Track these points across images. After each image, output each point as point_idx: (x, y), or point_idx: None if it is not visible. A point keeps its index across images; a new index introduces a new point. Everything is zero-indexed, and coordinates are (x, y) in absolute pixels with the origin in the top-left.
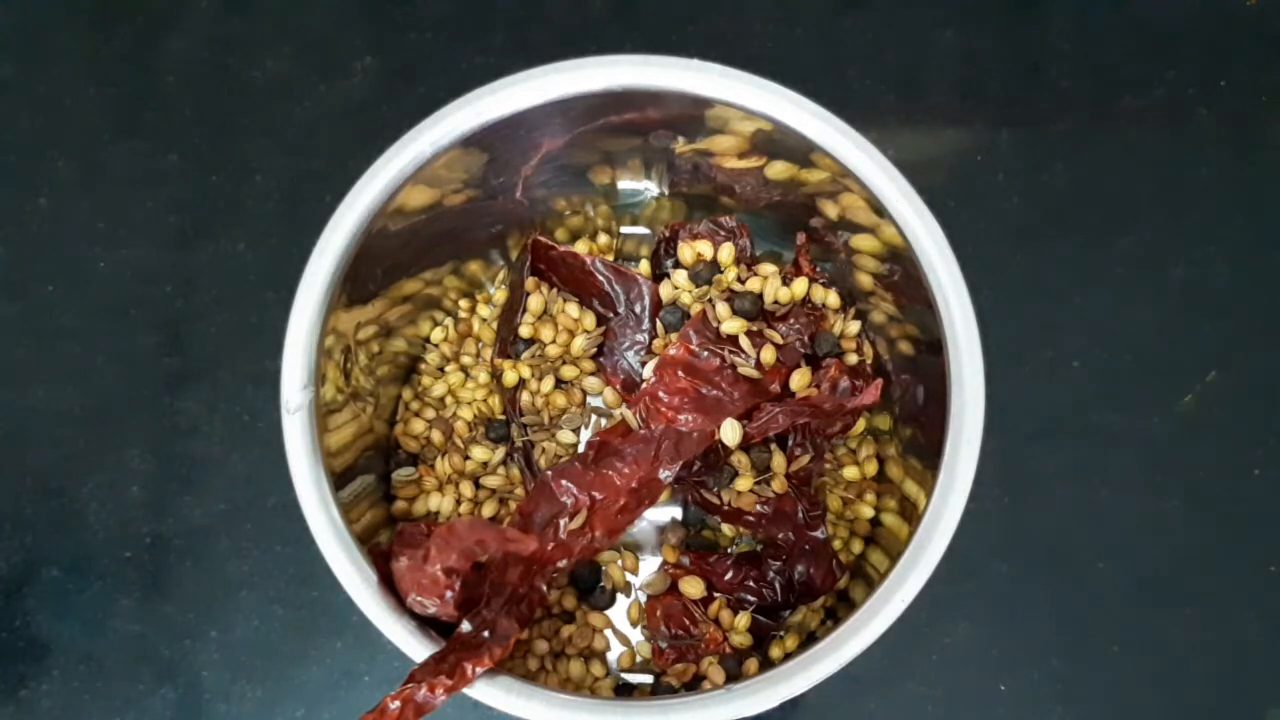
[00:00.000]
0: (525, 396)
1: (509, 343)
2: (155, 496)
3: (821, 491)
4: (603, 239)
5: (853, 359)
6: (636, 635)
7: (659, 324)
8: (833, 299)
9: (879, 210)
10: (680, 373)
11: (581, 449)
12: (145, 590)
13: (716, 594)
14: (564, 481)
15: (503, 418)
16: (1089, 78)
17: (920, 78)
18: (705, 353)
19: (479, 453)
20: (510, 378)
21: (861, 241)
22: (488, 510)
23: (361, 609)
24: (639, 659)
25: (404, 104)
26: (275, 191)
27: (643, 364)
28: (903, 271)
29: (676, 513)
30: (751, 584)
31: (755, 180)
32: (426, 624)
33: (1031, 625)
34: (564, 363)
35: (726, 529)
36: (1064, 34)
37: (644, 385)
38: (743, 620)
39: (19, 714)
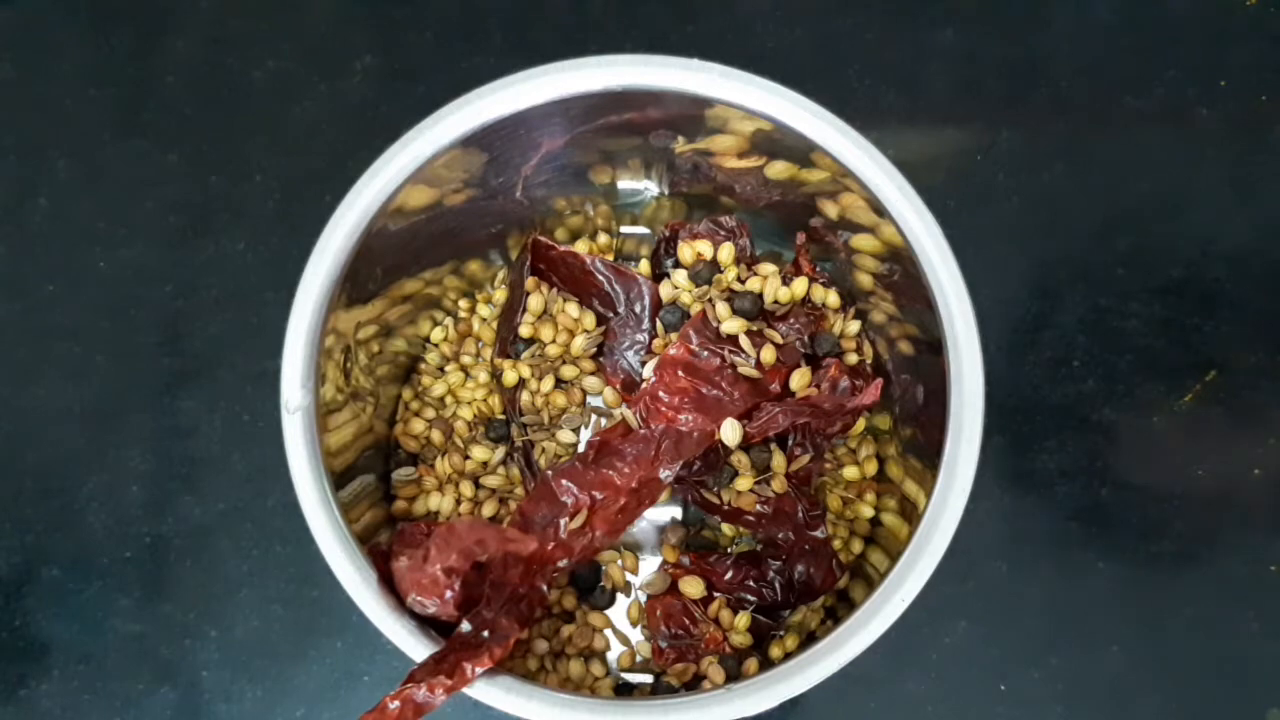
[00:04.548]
0: (525, 396)
1: (509, 342)
2: (155, 496)
3: (821, 491)
4: (603, 239)
5: (853, 359)
6: (636, 635)
7: (659, 324)
8: (833, 299)
9: (879, 210)
10: (680, 372)
11: (581, 449)
12: (145, 590)
13: (716, 594)
14: (564, 481)
15: (503, 418)
16: (1089, 77)
17: (920, 78)
18: (705, 352)
19: (479, 453)
20: (510, 377)
21: (861, 241)
22: (488, 510)
23: (361, 609)
24: (639, 659)
25: (404, 104)
26: (275, 191)
27: (643, 364)
28: (903, 271)
29: (676, 513)
30: (751, 584)
31: (755, 180)
32: (426, 624)
33: (1031, 625)
34: (564, 362)
35: (726, 529)
36: (1064, 34)
37: (644, 385)
38: (743, 620)
39: (19, 714)
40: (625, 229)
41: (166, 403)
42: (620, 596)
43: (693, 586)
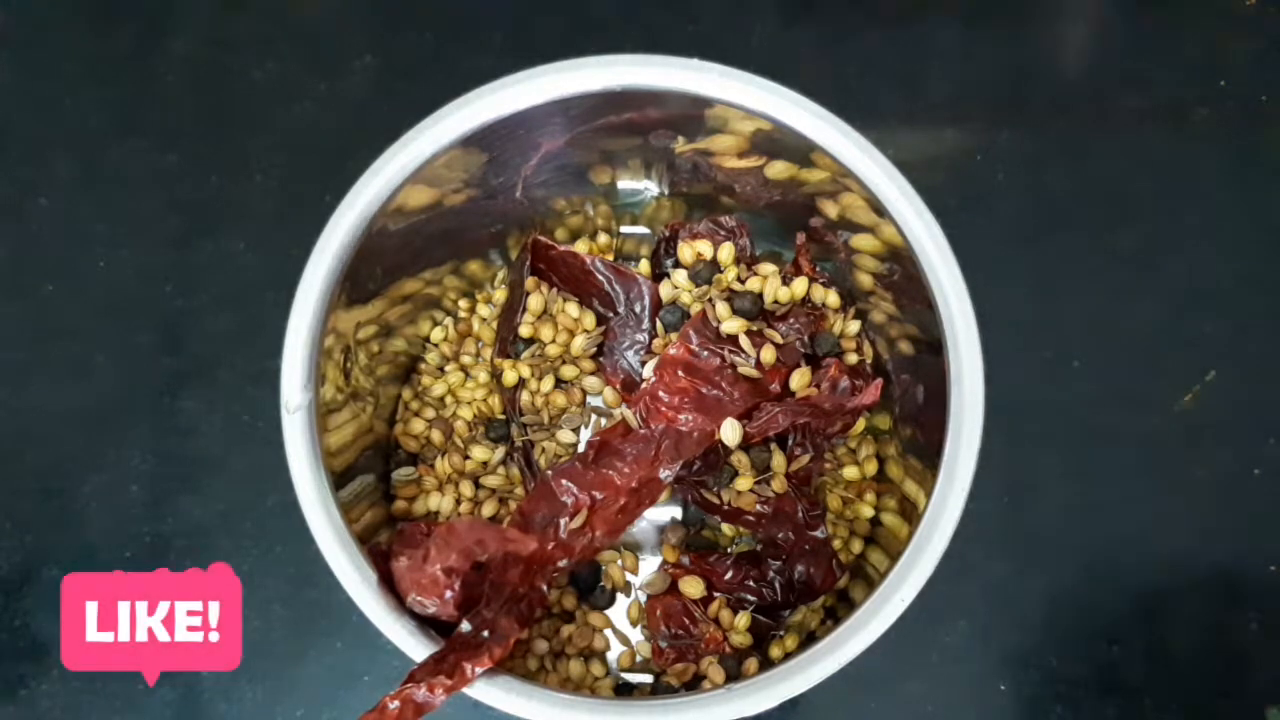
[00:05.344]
0: (525, 396)
1: (509, 342)
2: (155, 496)
3: (821, 491)
4: (603, 239)
5: (853, 359)
6: (636, 635)
7: (659, 324)
8: (833, 299)
9: (879, 210)
10: (680, 372)
11: (581, 449)
12: None
13: (716, 594)
14: (564, 481)
15: (503, 417)
16: (1089, 77)
17: (920, 78)
18: (705, 352)
19: (479, 452)
20: (510, 377)
21: (861, 241)
22: (488, 510)
23: (361, 609)
24: (639, 659)
25: (404, 104)
26: (275, 191)
27: (643, 364)
28: (903, 271)
29: (676, 513)
30: (751, 584)
31: (755, 180)
32: (426, 624)
33: (1032, 625)
34: (564, 362)
35: (726, 529)
36: (1064, 34)
37: (644, 385)
38: (743, 620)
39: (19, 714)
40: (625, 229)
41: (166, 403)
42: (620, 596)
43: (693, 586)
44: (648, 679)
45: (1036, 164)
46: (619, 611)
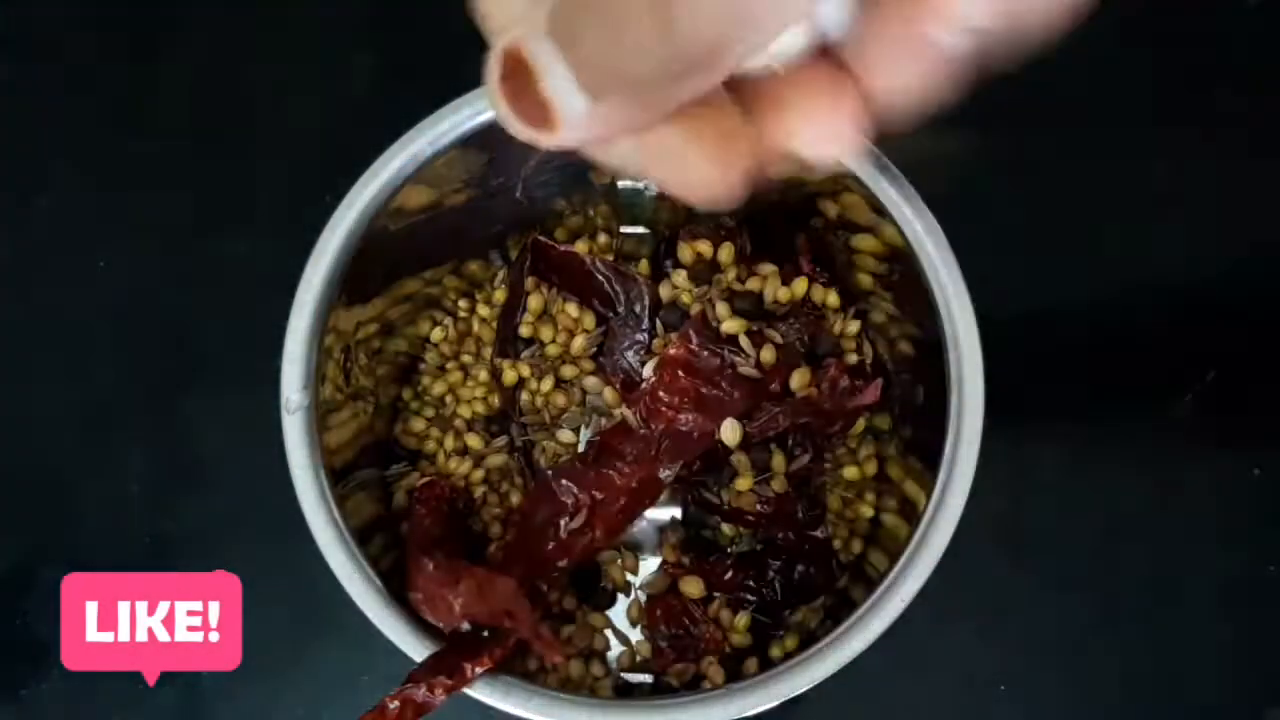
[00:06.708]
0: (525, 396)
1: (509, 342)
2: (155, 496)
3: (821, 491)
4: (603, 239)
5: (853, 359)
6: (636, 635)
7: (659, 324)
8: (833, 299)
9: (879, 210)
10: (680, 372)
11: (581, 449)
12: None
13: (716, 594)
14: (564, 481)
15: (497, 414)
16: (1089, 78)
17: None
18: (705, 352)
19: (475, 442)
20: (510, 377)
21: (861, 241)
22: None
23: (361, 608)
24: (639, 659)
25: (404, 104)
26: (275, 191)
27: (643, 364)
28: (903, 271)
29: (676, 513)
30: (751, 584)
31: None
32: (426, 624)
33: (1032, 625)
34: (564, 362)
35: (726, 529)
36: (1062, 34)
37: (644, 385)
38: (743, 620)
39: (19, 714)
40: (625, 229)
41: (166, 403)
42: (620, 596)
43: (693, 586)
44: (648, 679)
45: (1036, 163)
46: (619, 611)
